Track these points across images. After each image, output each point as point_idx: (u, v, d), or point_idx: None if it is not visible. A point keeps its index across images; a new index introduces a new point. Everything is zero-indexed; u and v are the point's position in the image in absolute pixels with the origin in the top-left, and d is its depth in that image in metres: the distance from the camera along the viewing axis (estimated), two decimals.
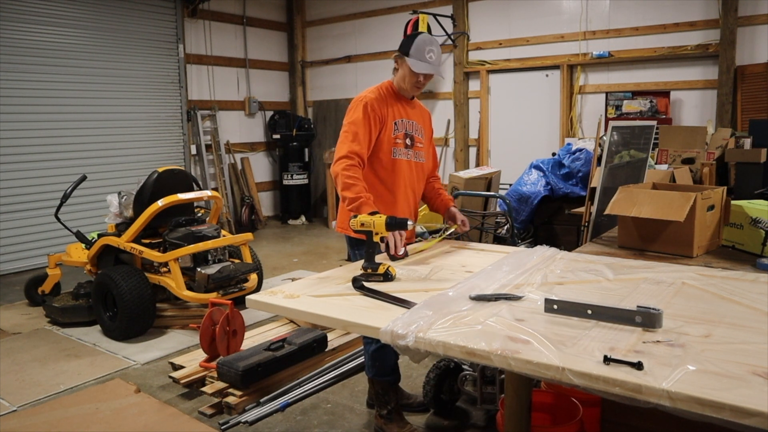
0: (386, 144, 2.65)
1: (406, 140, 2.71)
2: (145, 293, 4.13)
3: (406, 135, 2.71)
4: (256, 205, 8.64)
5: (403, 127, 2.70)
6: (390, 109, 2.67)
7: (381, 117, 2.62)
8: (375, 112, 2.60)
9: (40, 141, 6.47)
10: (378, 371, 2.78)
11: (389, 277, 2.08)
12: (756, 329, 1.52)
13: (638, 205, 2.55)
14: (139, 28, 7.34)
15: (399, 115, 2.70)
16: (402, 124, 2.70)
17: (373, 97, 2.64)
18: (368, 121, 2.58)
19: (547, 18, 7.00)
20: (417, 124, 2.78)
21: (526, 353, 1.38)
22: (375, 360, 2.76)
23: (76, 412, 3.09)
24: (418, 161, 2.77)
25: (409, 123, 2.74)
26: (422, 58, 2.58)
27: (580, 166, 5.59)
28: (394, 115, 2.68)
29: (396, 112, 2.69)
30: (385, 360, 2.75)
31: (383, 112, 2.63)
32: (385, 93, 2.70)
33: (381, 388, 2.80)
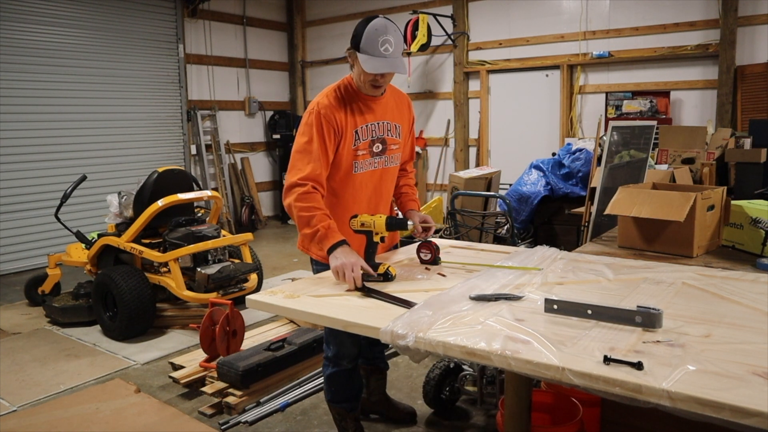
0: (345, 159, 2.28)
1: (373, 147, 2.34)
2: (145, 293, 4.13)
3: (372, 142, 2.33)
4: (256, 205, 8.64)
5: (367, 133, 2.31)
6: (349, 116, 2.27)
7: (337, 127, 2.24)
8: (329, 123, 2.22)
9: (40, 141, 6.47)
10: (333, 396, 2.61)
11: (389, 277, 2.07)
12: (756, 329, 1.52)
13: (638, 205, 2.55)
14: (139, 28, 7.34)
15: (361, 120, 2.30)
16: (366, 130, 2.31)
17: (326, 103, 2.24)
18: (321, 135, 2.21)
19: (547, 18, 7.00)
20: (390, 123, 2.39)
21: (526, 353, 1.38)
22: (330, 384, 2.60)
23: (76, 412, 3.09)
24: (391, 166, 2.45)
25: (376, 126, 2.34)
26: (375, 52, 2.13)
27: (580, 166, 5.59)
28: (354, 123, 2.28)
29: (358, 117, 2.29)
30: (342, 386, 2.57)
31: (339, 120, 2.24)
32: (343, 94, 2.29)
33: (337, 413, 2.64)
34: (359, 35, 2.17)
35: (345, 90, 2.31)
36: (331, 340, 2.53)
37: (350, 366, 2.55)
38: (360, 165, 2.33)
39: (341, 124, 2.25)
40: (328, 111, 2.23)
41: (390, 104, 2.41)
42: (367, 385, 2.93)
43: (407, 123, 2.52)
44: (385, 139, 2.38)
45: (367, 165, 2.35)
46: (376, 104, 2.35)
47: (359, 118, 2.30)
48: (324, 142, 2.22)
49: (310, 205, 2.16)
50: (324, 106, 2.24)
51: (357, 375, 2.64)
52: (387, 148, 2.39)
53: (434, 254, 2.30)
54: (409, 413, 2.97)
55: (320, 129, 2.22)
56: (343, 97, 2.29)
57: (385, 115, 2.38)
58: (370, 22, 2.17)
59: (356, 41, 2.18)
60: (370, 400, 2.96)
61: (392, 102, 2.42)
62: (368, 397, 2.95)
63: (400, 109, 2.46)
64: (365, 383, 2.91)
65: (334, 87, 2.32)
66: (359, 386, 2.67)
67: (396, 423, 2.95)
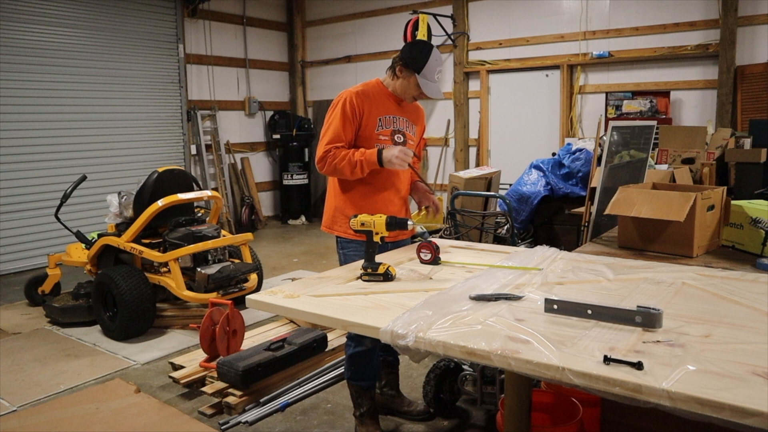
0: (367, 140, 2.60)
1: (395, 137, 2.65)
2: (145, 293, 4.13)
3: (394, 132, 2.65)
4: (256, 205, 8.64)
5: (390, 123, 2.65)
6: (375, 106, 2.62)
7: (360, 111, 2.57)
8: (353, 107, 2.56)
9: (40, 141, 6.47)
10: (353, 375, 2.75)
11: (389, 277, 2.08)
12: (756, 329, 1.52)
13: (638, 205, 2.55)
14: (139, 28, 7.34)
15: (386, 111, 2.65)
16: (388, 120, 2.65)
17: (355, 92, 2.60)
18: (345, 116, 2.55)
19: (547, 18, 7.00)
20: (409, 121, 2.73)
21: (526, 353, 1.38)
22: (351, 363, 2.73)
23: (76, 412, 3.09)
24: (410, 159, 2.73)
25: (399, 119, 2.69)
26: (432, 79, 2.58)
27: (580, 166, 5.59)
28: (379, 112, 2.63)
29: (383, 108, 2.64)
30: (362, 365, 2.70)
31: (364, 106, 2.58)
32: (373, 90, 2.65)
33: (354, 391, 2.78)
34: (421, 60, 2.55)
35: (374, 87, 2.67)
36: None
37: (371, 345, 2.64)
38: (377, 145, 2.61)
39: (362, 109, 2.58)
40: (354, 97, 2.58)
41: (410, 108, 2.77)
42: (380, 379, 3.01)
43: (420, 128, 2.87)
44: (404, 133, 2.70)
45: None
46: (396, 103, 2.70)
47: (383, 110, 2.64)
48: (344, 120, 2.56)
49: (339, 157, 2.50)
50: (351, 93, 2.59)
51: (377, 356, 2.76)
52: (406, 141, 2.70)
53: (434, 254, 2.30)
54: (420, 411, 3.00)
55: (344, 110, 2.56)
56: (371, 92, 2.64)
57: (405, 113, 2.73)
58: (432, 51, 2.58)
59: (417, 65, 2.56)
60: (384, 394, 3.03)
61: (412, 107, 2.78)
62: (380, 392, 3.02)
63: (417, 115, 2.83)
64: None
65: (364, 83, 2.69)
66: (378, 367, 2.81)
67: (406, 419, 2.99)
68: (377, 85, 2.68)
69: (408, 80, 2.60)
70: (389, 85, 2.68)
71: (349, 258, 2.63)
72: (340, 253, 2.75)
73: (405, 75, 2.60)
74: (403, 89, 2.64)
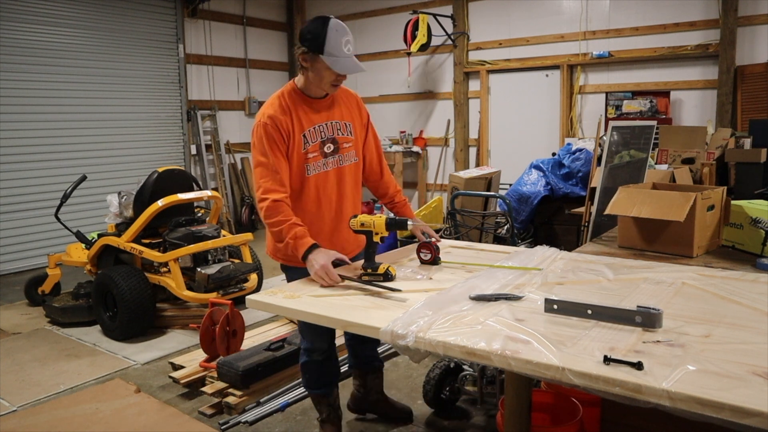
0: (297, 164, 2.31)
1: (325, 148, 2.36)
2: (145, 293, 4.13)
3: (323, 143, 2.35)
4: (256, 205, 8.63)
5: (316, 135, 2.34)
6: (296, 121, 2.30)
7: (286, 133, 2.27)
8: (277, 130, 2.26)
9: (40, 141, 6.47)
10: (308, 383, 2.71)
11: (389, 277, 2.08)
12: (756, 329, 1.52)
13: (638, 205, 2.55)
14: (139, 28, 7.34)
15: (308, 123, 2.33)
16: (313, 132, 2.34)
17: (270, 113, 2.27)
18: (273, 145, 2.25)
19: (547, 18, 7.00)
20: (339, 122, 2.41)
21: (526, 353, 1.38)
22: (304, 372, 2.69)
23: (76, 412, 3.09)
24: (346, 164, 2.45)
25: (326, 126, 2.37)
26: (341, 54, 2.18)
27: (580, 166, 5.59)
28: (302, 126, 2.30)
29: (305, 120, 2.32)
30: (315, 374, 2.66)
31: (286, 126, 2.27)
32: (288, 101, 2.31)
33: (312, 398, 2.77)
34: (320, 37, 2.17)
35: (289, 96, 2.34)
36: (304, 334, 2.63)
37: (320, 359, 2.63)
38: (312, 167, 2.35)
39: (288, 130, 2.28)
40: (274, 120, 2.26)
41: (338, 104, 2.44)
42: (364, 385, 2.94)
43: (359, 120, 2.52)
44: (336, 139, 2.40)
45: (320, 166, 2.37)
46: (322, 105, 2.38)
47: (306, 122, 2.32)
48: (277, 152, 2.26)
49: (275, 220, 2.21)
50: (269, 116, 2.27)
51: (330, 365, 2.71)
52: (339, 147, 2.41)
53: (434, 254, 2.30)
54: (406, 412, 2.98)
55: (270, 139, 2.25)
56: (288, 104, 2.31)
57: (332, 115, 2.40)
58: (328, 24, 2.19)
59: (317, 44, 2.17)
60: (368, 399, 2.97)
61: (340, 102, 2.45)
62: (365, 396, 2.96)
63: (349, 108, 2.48)
64: (362, 383, 2.93)
65: (277, 95, 2.35)
66: (334, 374, 2.73)
67: (394, 422, 2.96)
68: (291, 92, 2.35)
69: (316, 67, 2.23)
70: (303, 85, 2.34)
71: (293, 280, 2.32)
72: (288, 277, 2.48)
73: (310, 62, 2.23)
74: (316, 81, 2.27)
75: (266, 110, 2.30)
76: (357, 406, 3.01)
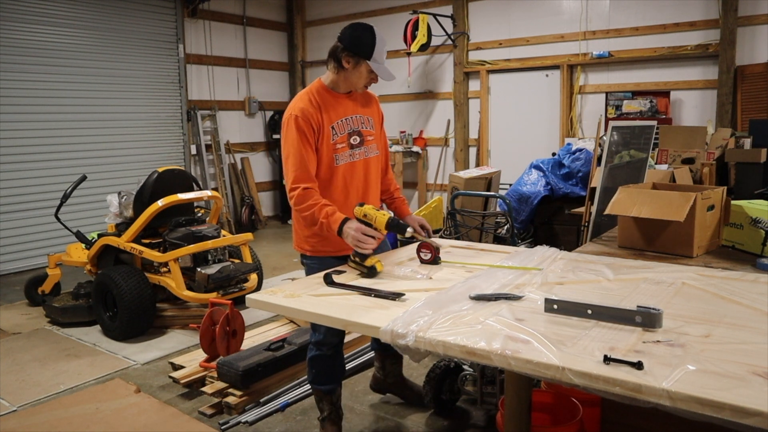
0: (326, 154, 2.45)
1: (351, 139, 2.51)
2: (145, 293, 4.13)
3: (350, 135, 2.51)
4: (256, 205, 8.64)
5: (343, 127, 2.49)
6: (325, 114, 2.45)
7: (316, 125, 2.41)
8: (308, 123, 2.39)
9: (40, 141, 6.47)
10: (314, 378, 2.72)
11: (373, 272, 2.13)
12: (756, 329, 1.52)
13: (638, 205, 2.55)
14: (139, 28, 7.34)
15: (337, 115, 2.48)
16: (342, 125, 2.49)
17: (300, 107, 2.42)
18: (303, 136, 2.38)
19: (547, 18, 7.00)
20: (362, 116, 2.57)
21: (526, 353, 1.38)
22: (312, 367, 2.71)
23: (76, 412, 3.09)
24: (371, 156, 2.61)
25: (352, 119, 2.53)
26: (382, 61, 2.44)
27: (580, 166, 5.59)
28: (330, 119, 2.46)
29: (333, 114, 2.47)
30: (323, 369, 2.68)
31: (317, 119, 2.42)
32: (317, 96, 2.47)
33: (315, 394, 2.77)
34: (368, 45, 2.39)
35: (317, 92, 2.49)
36: (316, 327, 2.65)
37: (329, 353, 2.66)
38: (341, 157, 2.49)
39: (317, 122, 2.42)
40: (304, 113, 2.40)
41: (360, 101, 2.61)
42: (383, 368, 3.07)
43: (377, 117, 2.70)
44: (360, 131, 2.56)
45: (347, 157, 2.51)
46: (347, 100, 2.54)
47: (333, 115, 2.48)
48: (306, 144, 2.40)
49: (306, 205, 2.34)
50: (300, 109, 2.41)
51: (338, 361, 2.75)
52: (364, 139, 2.57)
53: (434, 254, 2.30)
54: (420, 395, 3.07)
55: (301, 131, 2.39)
56: (316, 99, 2.46)
57: (356, 109, 2.57)
58: (375, 32, 2.42)
59: (366, 51, 2.39)
60: (387, 381, 3.10)
61: (362, 98, 2.62)
62: (385, 379, 3.09)
63: (370, 105, 2.66)
64: (381, 365, 3.07)
65: (306, 92, 2.51)
66: (340, 371, 2.79)
67: (410, 404, 3.11)
68: (320, 87, 2.51)
69: (358, 69, 2.43)
70: (333, 82, 2.51)
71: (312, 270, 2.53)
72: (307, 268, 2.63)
73: (354, 64, 2.42)
74: (354, 80, 2.47)
75: (296, 104, 2.45)
76: (378, 387, 3.15)
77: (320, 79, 2.54)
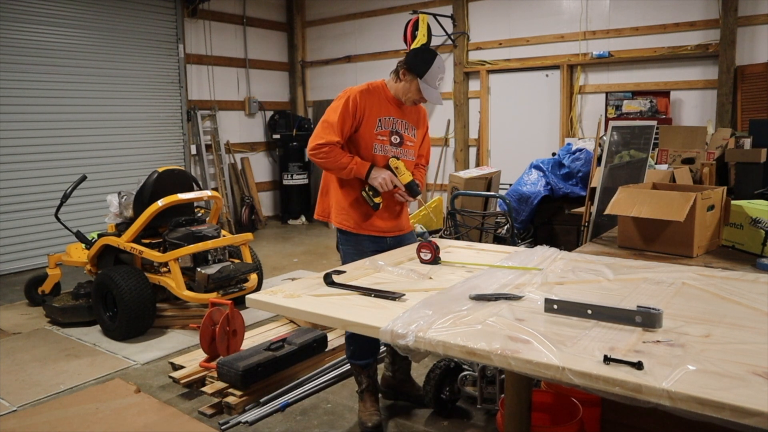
0: (366, 139, 2.71)
1: (392, 137, 2.76)
2: (145, 293, 4.13)
3: (392, 133, 2.76)
4: (256, 205, 8.64)
5: (389, 125, 2.75)
6: (377, 107, 2.72)
7: (361, 110, 2.68)
8: (356, 105, 2.66)
9: (40, 141, 6.47)
10: (352, 354, 2.88)
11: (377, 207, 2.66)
12: (756, 329, 1.52)
13: (638, 205, 2.55)
14: (139, 28, 7.34)
15: (387, 113, 2.75)
16: (388, 122, 2.75)
17: (359, 90, 2.70)
18: (346, 111, 2.65)
19: (547, 18, 7.00)
20: (408, 123, 2.83)
21: (526, 353, 1.38)
22: (351, 343, 2.87)
23: (76, 412, 3.09)
24: (405, 159, 2.82)
25: (399, 122, 2.79)
26: (433, 85, 2.69)
27: (580, 166, 5.59)
28: (380, 113, 2.73)
29: (383, 110, 2.74)
30: (360, 345, 2.82)
31: (366, 106, 2.68)
32: (376, 91, 2.76)
33: (354, 369, 2.93)
34: (425, 67, 2.65)
35: (376, 88, 2.77)
36: None
37: None
38: (379, 147, 2.75)
39: (363, 108, 2.68)
40: (358, 96, 2.68)
41: (411, 111, 2.86)
42: (393, 363, 3.14)
43: (422, 129, 2.97)
44: (402, 135, 2.80)
45: (385, 150, 2.76)
46: (399, 105, 2.80)
47: (383, 111, 2.75)
48: (348, 117, 2.66)
49: (334, 155, 2.63)
50: (358, 92, 2.70)
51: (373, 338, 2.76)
52: (403, 142, 2.81)
53: (434, 254, 2.30)
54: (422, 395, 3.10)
55: (346, 106, 2.66)
56: (375, 92, 2.75)
57: (404, 115, 2.82)
58: (436, 59, 2.68)
59: (420, 70, 2.65)
60: (396, 378, 3.14)
61: (413, 110, 2.87)
62: (393, 375, 3.14)
63: (418, 117, 2.92)
64: (392, 361, 3.13)
65: (369, 83, 2.79)
66: (375, 346, 2.90)
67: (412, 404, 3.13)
68: (381, 86, 2.79)
69: (410, 84, 2.70)
70: (392, 88, 2.78)
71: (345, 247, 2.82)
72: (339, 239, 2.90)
73: (408, 79, 2.70)
74: (404, 92, 2.73)
75: (357, 88, 2.73)
76: (389, 389, 3.19)
77: (384, 80, 2.82)
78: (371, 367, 2.90)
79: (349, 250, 2.78)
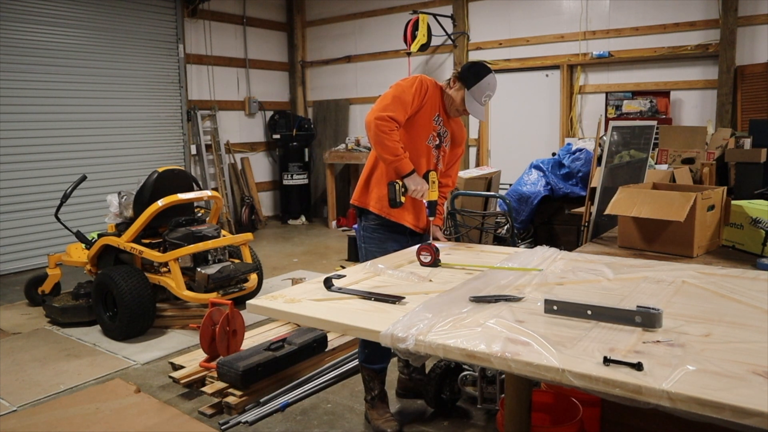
0: (423, 124, 2.72)
1: (433, 133, 2.78)
2: (145, 293, 4.13)
3: (438, 133, 2.78)
4: (256, 205, 8.64)
5: (439, 125, 2.78)
6: (438, 102, 2.75)
7: (426, 99, 2.68)
8: (424, 91, 2.66)
9: (40, 141, 6.47)
10: (366, 358, 2.86)
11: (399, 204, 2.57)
12: (756, 328, 1.51)
13: (638, 205, 2.55)
14: (139, 28, 7.34)
15: (442, 114, 2.79)
16: (440, 122, 2.78)
17: (430, 80, 2.72)
18: (418, 93, 2.64)
19: (547, 18, 7.00)
20: (449, 135, 2.86)
21: (526, 355, 1.38)
22: (365, 347, 2.84)
23: (76, 412, 3.09)
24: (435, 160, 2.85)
25: (444, 128, 2.82)
26: (479, 100, 2.69)
27: (580, 166, 5.59)
28: (438, 110, 2.76)
29: (441, 110, 2.78)
30: (375, 349, 2.78)
31: (430, 96, 2.70)
32: (438, 88, 2.77)
33: (367, 374, 2.89)
34: (474, 79, 2.67)
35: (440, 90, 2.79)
36: None
37: None
38: (431, 139, 2.78)
39: (428, 98, 2.70)
40: (429, 84, 2.70)
41: (456, 125, 2.90)
42: (407, 365, 3.16)
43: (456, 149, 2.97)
44: (443, 139, 2.83)
45: (429, 140, 2.78)
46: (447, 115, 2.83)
47: (442, 111, 2.79)
48: (413, 100, 2.64)
49: (395, 137, 2.58)
50: (428, 81, 2.71)
51: None
52: (441, 146, 2.83)
53: (434, 256, 2.30)
54: None
55: (416, 91, 2.65)
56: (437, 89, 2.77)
57: (450, 126, 2.86)
58: (489, 74, 2.69)
59: (470, 81, 2.67)
60: (412, 378, 3.16)
61: (458, 126, 2.92)
62: (410, 376, 3.16)
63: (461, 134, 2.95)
64: (405, 363, 3.15)
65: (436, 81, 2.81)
66: (388, 352, 2.84)
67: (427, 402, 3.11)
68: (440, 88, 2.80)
69: (457, 93, 2.72)
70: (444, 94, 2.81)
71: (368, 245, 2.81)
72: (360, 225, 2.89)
73: (456, 87, 2.73)
74: (450, 100, 2.76)
75: (428, 78, 2.75)
76: (405, 390, 3.21)
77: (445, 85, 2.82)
78: (384, 373, 2.89)
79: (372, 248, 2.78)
